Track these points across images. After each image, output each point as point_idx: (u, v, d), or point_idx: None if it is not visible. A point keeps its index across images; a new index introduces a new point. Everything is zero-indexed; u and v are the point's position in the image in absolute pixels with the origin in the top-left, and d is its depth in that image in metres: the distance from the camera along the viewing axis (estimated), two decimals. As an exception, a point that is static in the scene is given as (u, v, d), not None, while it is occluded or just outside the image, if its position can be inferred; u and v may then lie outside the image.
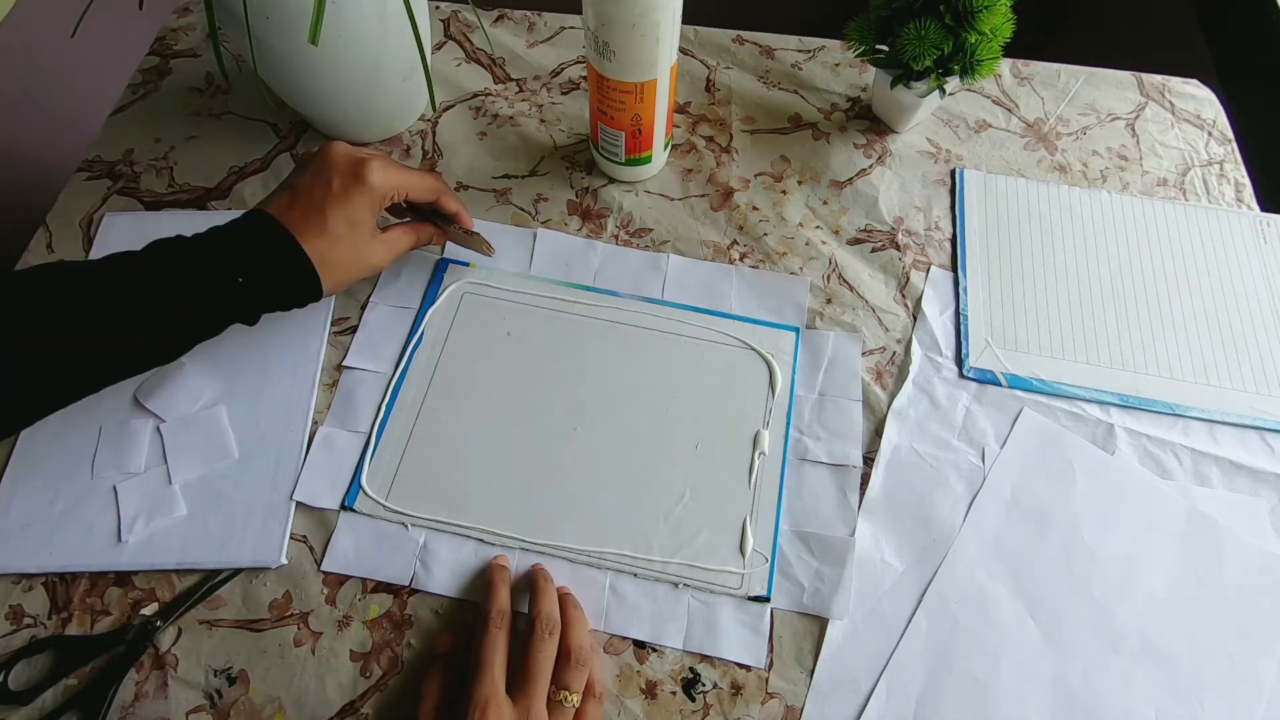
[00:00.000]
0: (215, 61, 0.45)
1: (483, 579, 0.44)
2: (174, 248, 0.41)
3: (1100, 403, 0.50)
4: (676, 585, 0.45)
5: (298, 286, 0.43)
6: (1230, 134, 0.63)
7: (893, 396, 0.50)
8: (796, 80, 0.65)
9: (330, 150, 0.44)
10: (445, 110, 0.63)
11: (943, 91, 0.56)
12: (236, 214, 0.56)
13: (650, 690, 0.42)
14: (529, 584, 0.43)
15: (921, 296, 0.54)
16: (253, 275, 0.41)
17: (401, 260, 0.55)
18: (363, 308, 0.53)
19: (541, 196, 0.59)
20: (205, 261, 0.41)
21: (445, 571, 0.45)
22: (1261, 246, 0.57)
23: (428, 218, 0.52)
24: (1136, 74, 0.66)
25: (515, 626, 0.42)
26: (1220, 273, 0.56)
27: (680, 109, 0.64)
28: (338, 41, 0.48)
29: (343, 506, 0.46)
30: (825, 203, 0.59)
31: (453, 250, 0.56)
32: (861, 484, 0.48)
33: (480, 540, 0.45)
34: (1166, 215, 0.58)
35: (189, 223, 0.56)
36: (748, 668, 0.43)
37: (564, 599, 0.43)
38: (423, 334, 0.52)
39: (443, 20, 0.68)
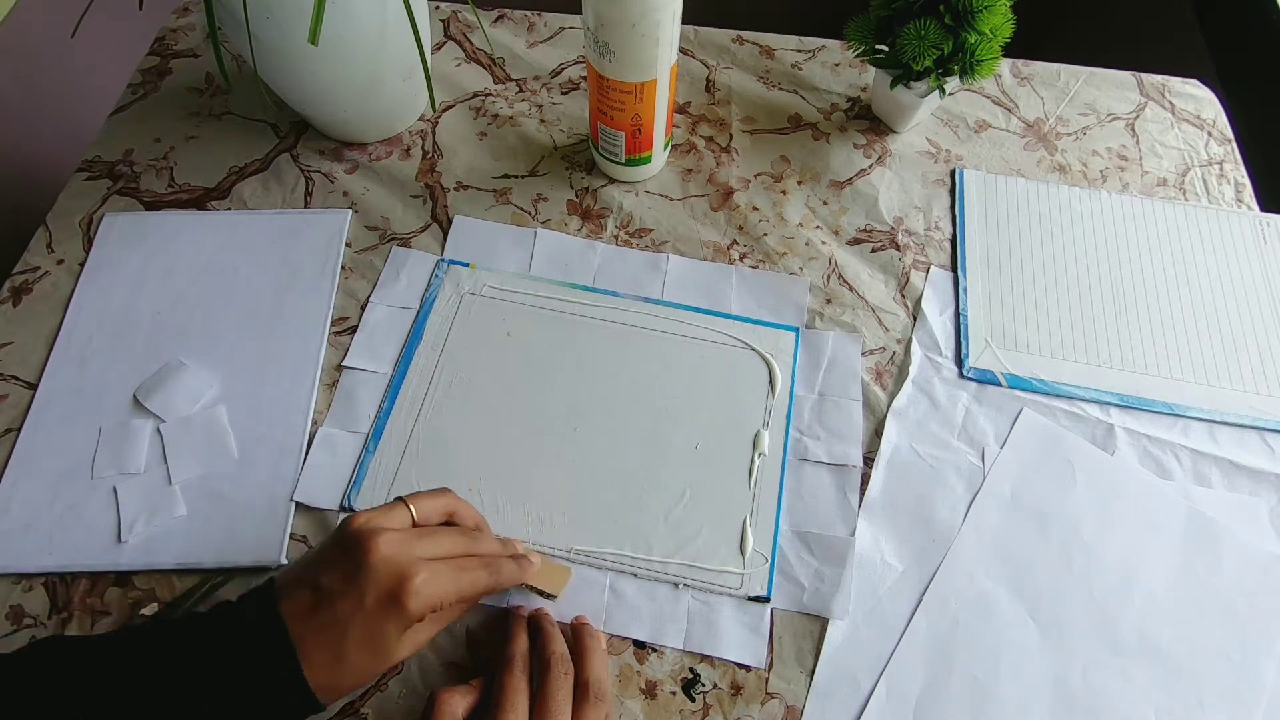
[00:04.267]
0: (215, 61, 0.45)
1: (502, 626, 0.43)
2: (141, 651, 0.34)
3: (1100, 403, 0.50)
4: (676, 585, 0.45)
5: (287, 709, 0.34)
6: (1230, 134, 0.63)
7: (892, 397, 0.50)
8: (796, 80, 0.65)
9: (373, 552, 0.35)
10: (445, 110, 0.63)
11: (943, 91, 0.56)
12: (235, 213, 0.57)
13: (650, 690, 0.42)
14: (535, 629, 0.42)
15: (921, 296, 0.54)
16: (231, 695, 0.33)
17: (401, 260, 0.55)
18: (363, 308, 0.53)
19: (541, 196, 0.59)
20: (172, 681, 0.33)
21: (445, 571, 0.45)
22: (1261, 246, 0.57)
23: None
24: (1136, 74, 0.66)
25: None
26: (1220, 273, 0.56)
27: (680, 109, 0.64)
28: (338, 41, 0.48)
29: (343, 507, 0.46)
30: (825, 203, 0.59)
31: (453, 250, 0.56)
32: (861, 484, 0.48)
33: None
34: (1166, 215, 0.58)
35: (189, 223, 0.57)
36: (748, 668, 0.43)
37: (580, 628, 0.42)
38: (423, 334, 0.52)
39: (443, 20, 0.68)
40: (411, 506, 0.38)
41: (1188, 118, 0.64)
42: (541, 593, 0.43)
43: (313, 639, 0.34)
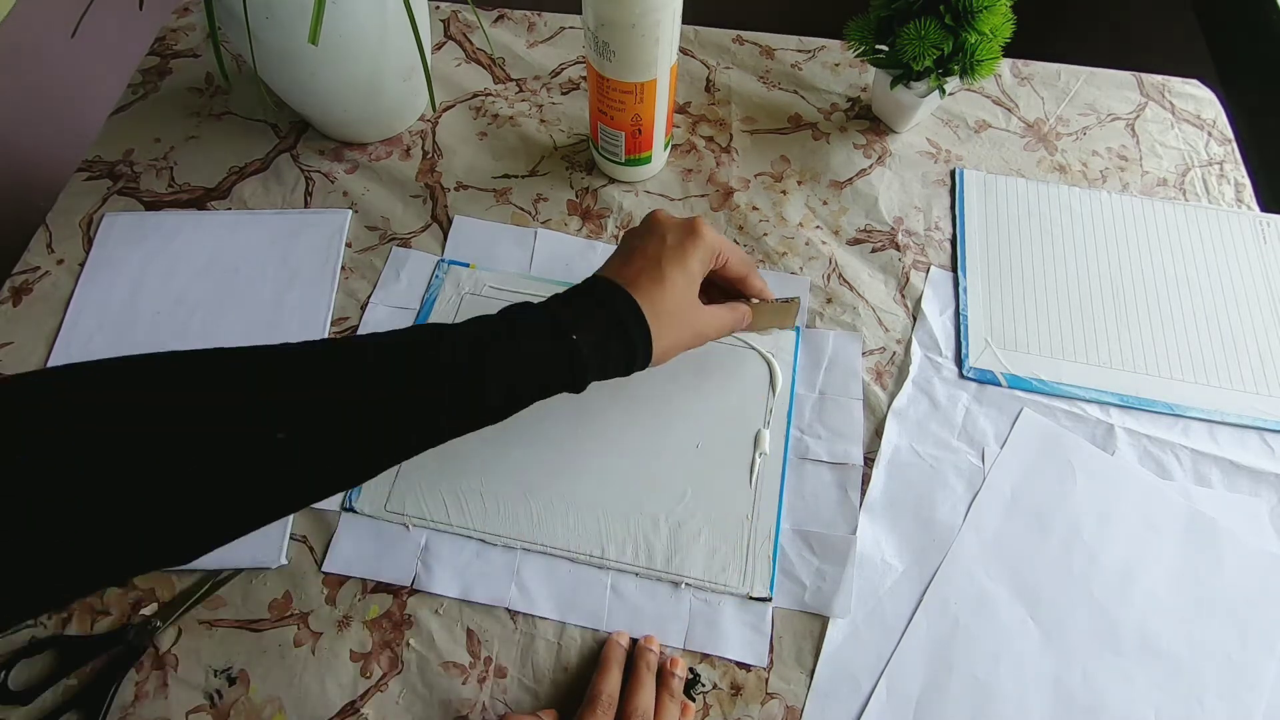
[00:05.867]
0: (215, 61, 0.45)
1: (595, 653, 0.43)
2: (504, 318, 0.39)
3: (1100, 403, 0.50)
4: (678, 585, 0.45)
5: (627, 344, 0.40)
6: (1230, 134, 0.63)
7: (893, 397, 0.50)
8: (796, 80, 0.65)
9: (657, 213, 0.44)
10: (445, 110, 0.63)
11: (943, 91, 0.56)
12: (235, 213, 0.57)
13: (650, 690, 0.42)
14: (631, 667, 0.42)
15: (921, 297, 0.54)
16: (580, 333, 0.38)
17: (401, 260, 0.55)
18: (363, 308, 0.53)
19: (541, 196, 0.59)
20: (546, 325, 0.39)
21: (447, 572, 0.45)
22: (1261, 246, 0.57)
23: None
24: (1136, 74, 0.66)
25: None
26: (1220, 273, 0.56)
27: (680, 109, 0.64)
28: (338, 41, 0.48)
29: (344, 507, 0.46)
30: (825, 203, 0.59)
31: (453, 250, 0.56)
32: (862, 484, 0.48)
33: (482, 541, 0.45)
34: (1166, 215, 0.58)
35: (189, 223, 0.57)
36: (748, 668, 0.43)
37: (663, 687, 0.41)
38: (423, 334, 0.52)
39: (443, 20, 0.69)
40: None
41: (1188, 118, 0.64)
42: (779, 320, 0.48)
43: (636, 275, 0.41)
